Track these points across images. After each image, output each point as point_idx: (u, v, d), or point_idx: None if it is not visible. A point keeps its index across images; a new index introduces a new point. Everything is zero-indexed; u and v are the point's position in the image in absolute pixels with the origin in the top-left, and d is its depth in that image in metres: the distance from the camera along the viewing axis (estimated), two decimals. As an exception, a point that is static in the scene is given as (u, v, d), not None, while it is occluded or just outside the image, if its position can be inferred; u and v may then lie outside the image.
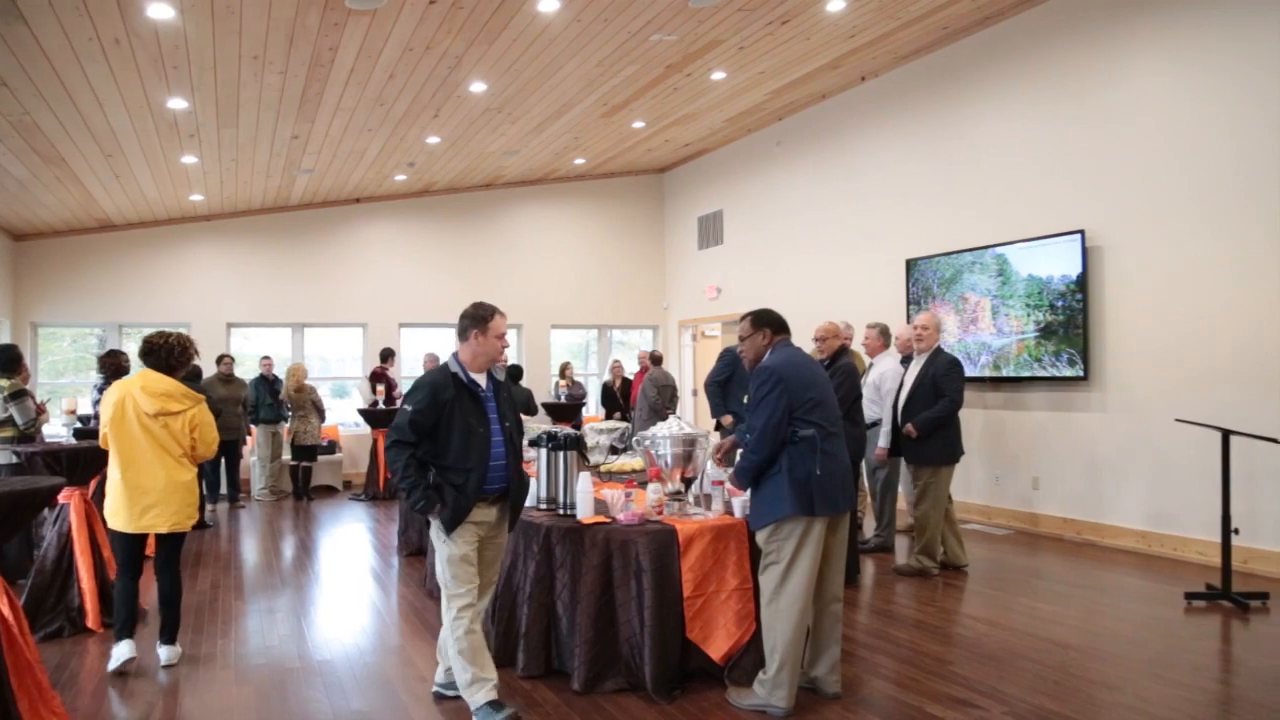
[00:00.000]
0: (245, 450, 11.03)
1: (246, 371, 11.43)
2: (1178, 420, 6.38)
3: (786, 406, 3.86)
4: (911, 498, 6.66)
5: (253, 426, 10.88)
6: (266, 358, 11.16)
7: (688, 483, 4.53)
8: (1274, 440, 5.68)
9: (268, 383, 10.87)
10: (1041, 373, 7.94)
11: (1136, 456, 7.31)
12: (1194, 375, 6.86)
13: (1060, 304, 7.76)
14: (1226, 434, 5.65)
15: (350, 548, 8.06)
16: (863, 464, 6.74)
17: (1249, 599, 5.55)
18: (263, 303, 12.40)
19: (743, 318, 4.26)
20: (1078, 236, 7.57)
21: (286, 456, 11.17)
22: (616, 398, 12.33)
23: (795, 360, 4.03)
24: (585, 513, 4.36)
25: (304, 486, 11.02)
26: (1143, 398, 7.25)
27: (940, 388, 6.37)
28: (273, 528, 9.09)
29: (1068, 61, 7.82)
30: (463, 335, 3.96)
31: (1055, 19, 7.91)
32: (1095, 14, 7.57)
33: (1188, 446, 6.70)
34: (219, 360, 10.46)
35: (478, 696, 3.75)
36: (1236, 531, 5.64)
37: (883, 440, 6.95)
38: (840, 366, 6.14)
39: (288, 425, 10.93)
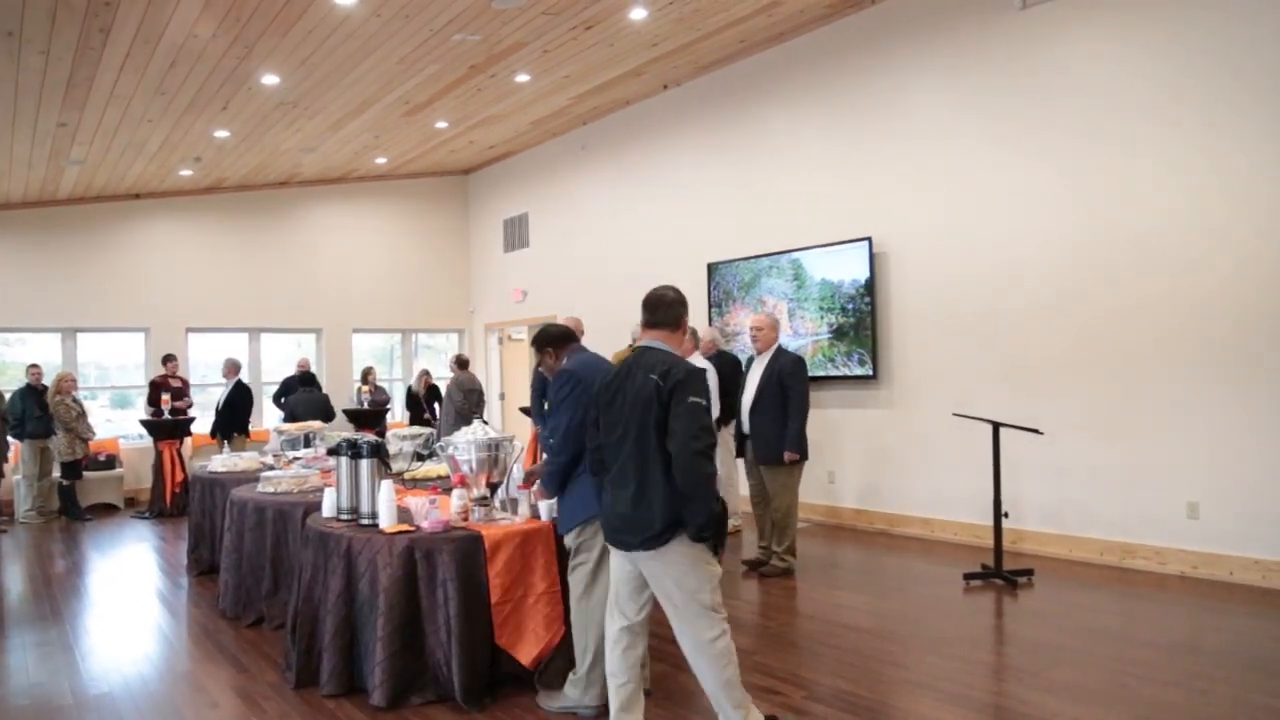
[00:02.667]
0: (8, 468, 10.05)
1: (9, 381, 10.43)
2: (955, 414, 6.89)
3: (587, 406, 3.87)
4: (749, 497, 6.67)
5: (17, 442, 9.91)
6: (35, 366, 10.21)
7: (493, 488, 4.48)
8: (1036, 431, 6.22)
9: (36, 393, 9.92)
10: (835, 372, 8.36)
11: (920, 449, 7.82)
12: (969, 372, 7.41)
13: (851, 307, 8.20)
14: (996, 426, 6.13)
15: (134, 570, 7.47)
16: None
17: (1018, 576, 6.06)
18: (26, 305, 11.22)
19: (532, 344, 4.26)
20: (865, 243, 8.02)
21: (58, 474, 10.25)
22: (421, 403, 12.07)
23: (592, 363, 4.08)
24: (388, 521, 4.23)
25: (71, 505, 10.12)
26: (924, 394, 7.77)
27: (787, 386, 6.37)
28: (41, 552, 8.30)
29: (856, 77, 8.28)
30: (676, 324, 3.50)
31: (845, 38, 8.36)
32: (881, 35, 8.05)
33: (964, 438, 7.21)
34: (-30, 370, 9.51)
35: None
36: (1006, 515, 6.14)
37: None
38: None
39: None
